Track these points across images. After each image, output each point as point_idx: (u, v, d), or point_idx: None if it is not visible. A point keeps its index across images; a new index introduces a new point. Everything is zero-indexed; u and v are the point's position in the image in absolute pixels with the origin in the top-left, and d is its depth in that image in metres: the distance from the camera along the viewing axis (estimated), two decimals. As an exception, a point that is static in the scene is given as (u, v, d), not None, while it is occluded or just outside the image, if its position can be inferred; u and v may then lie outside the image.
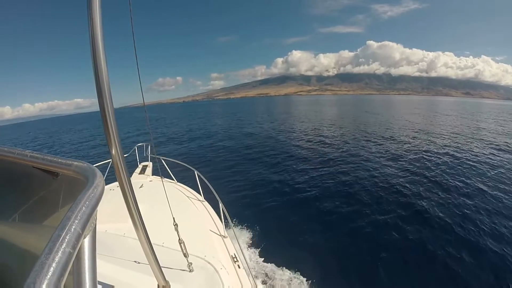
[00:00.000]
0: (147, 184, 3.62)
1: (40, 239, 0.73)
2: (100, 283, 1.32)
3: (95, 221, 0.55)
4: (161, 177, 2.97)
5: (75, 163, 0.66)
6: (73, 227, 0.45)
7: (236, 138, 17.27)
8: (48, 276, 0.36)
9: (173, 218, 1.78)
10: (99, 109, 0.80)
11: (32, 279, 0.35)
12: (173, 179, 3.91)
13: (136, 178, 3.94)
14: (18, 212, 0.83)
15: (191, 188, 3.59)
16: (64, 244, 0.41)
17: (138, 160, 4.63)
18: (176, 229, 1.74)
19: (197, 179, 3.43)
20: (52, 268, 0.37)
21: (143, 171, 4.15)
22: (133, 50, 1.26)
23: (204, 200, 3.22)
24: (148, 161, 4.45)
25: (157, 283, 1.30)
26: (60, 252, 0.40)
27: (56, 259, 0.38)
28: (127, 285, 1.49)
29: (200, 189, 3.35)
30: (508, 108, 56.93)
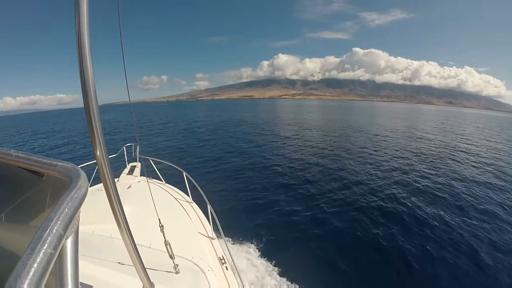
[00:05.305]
0: (135, 185, 3.53)
1: (26, 239, 0.67)
2: (83, 284, 1.29)
3: (78, 222, 0.54)
4: (147, 178, 3.06)
5: (60, 163, 0.65)
6: (55, 228, 0.45)
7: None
8: (29, 276, 0.36)
9: (159, 219, 1.75)
10: (82, 106, 0.78)
11: (13, 279, 0.35)
12: (161, 180, 3.89)
13: (124, 179, 3.82)
14: (4, 213, 0.81)
15: (179, 189, 3.59)
16: (46, 245, 0.41)
17: (126, 161, 4.51)
18: (162, 231, 1.72)
19: (186, 180, 3.46)
20: (33, 268, 0.37)
21: (131, 171, 4.07)
22: (119, 46, 1.20)
23: (192, 201, 3.24)
24: (136, 161, 4.37)
25: (142, 284, 1.27)
26: (41, 252, 0.40)
27: (38, 260, 0.38)
28: (111, 286, 1.46)
29: (189, 191, 3.37)
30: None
